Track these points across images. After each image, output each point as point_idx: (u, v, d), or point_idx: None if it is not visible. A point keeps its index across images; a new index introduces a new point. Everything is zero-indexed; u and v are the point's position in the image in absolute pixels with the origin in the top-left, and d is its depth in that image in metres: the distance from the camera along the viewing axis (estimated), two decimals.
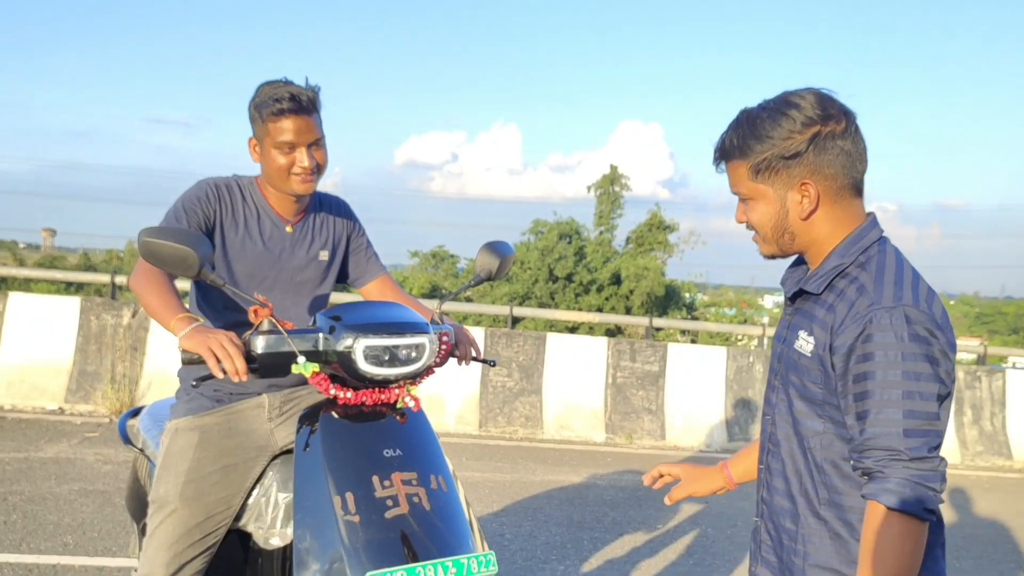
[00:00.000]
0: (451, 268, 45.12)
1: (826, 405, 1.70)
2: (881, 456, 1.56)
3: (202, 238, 2.18)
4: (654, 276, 32.66)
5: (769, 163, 1.71)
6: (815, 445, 1.74)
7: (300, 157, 2.49)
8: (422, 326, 2.33)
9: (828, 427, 1.71)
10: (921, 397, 1.55)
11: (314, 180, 2.55)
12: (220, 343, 2.08)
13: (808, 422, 1.75)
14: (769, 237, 1.80)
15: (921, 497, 1.53)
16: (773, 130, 1.69)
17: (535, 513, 5.99)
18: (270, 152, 2.49)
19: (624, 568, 5.03)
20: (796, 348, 1.76)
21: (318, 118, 2.53)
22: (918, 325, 1.56)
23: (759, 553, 1.93)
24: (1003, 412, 9.76)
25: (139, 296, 2.34)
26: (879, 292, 1.61)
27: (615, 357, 9.11)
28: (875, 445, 1.56)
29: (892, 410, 1.55)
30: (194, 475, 2.50)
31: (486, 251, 2.75)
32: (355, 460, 2.23)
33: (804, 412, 1.76)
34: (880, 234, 1.75)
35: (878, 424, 1.56)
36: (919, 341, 1.56)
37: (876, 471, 1.56)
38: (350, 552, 2.08)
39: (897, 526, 1.53)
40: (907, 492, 1.53)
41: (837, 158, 1.69)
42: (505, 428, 8.63)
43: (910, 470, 1.53)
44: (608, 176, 37.00)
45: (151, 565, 2.46)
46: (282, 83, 2.50)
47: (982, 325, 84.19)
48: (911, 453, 1.53)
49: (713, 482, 2.25)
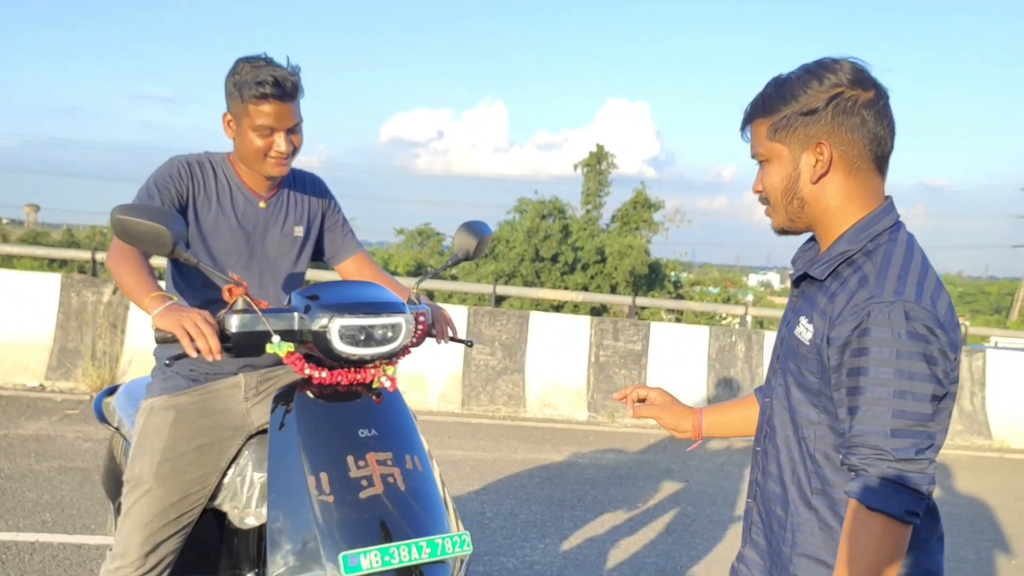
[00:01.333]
0: (437, 246, 45.05)
1: (822, 395, 1.67)
2: (867, 454, 1.53)
3: (175, 215, 2.16)
4: (638, 254, 32.69)
5: (788, 120, 1.67)
6: (810, 434, 1.70)
7: (278, 142, 2.47)
8: (398, 306, 2.32)
9: (823, 417, 1.67)
10: (914, 397, 1.51)
11: (289, 162, 2.53)
12: (194, 322, 2.07)
13: (804, 410, 1.71)
14: (779, 203, 1.75)
15: (904, 499, 1.49)
16: (799, 89, 1.66)
17: (516, 491, 6.01)
18: (247, 133, 2.47)
19: (604, 546, 5.05)
20: (796, 334, 1.72)
21: (298, 104, 2.51)
22: (917, 322, 1.52)
23: (749, 535, 1.91)
24: (983, 392, 9.83)
25: (114, 275, 2.32)
26: (881, 285, 1.56)
27: (598, 336, 9.13)
28: (862, 443, 1.53)
29: (882, 408, 1.51)
30: (169, 454, 2.48)
31: (464, 231, 2.73)
32: (330, 440, 2.22)
33: (800, 400, 1.72)
34: (894, 220, 1.68)
35: (866, 421, 1.52)
36: (916, 339, 1.51)
37: (861, 469, 1.53)
38: (324, 532, 2.07)
39: (877, 526, 1.50)
40: (890, 493, 1.49)
41: (857, 125, 1.63)
42: (488, 407, 8.65)
43: (895, 470, 1.50)
44: (595, 154, 36.95)
45: (126, 544, 2.46)
46: (263, 62, 2.46)
47: (965, 305, 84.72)
48: (897, 454, 1.50)
49: (682, 420, 2.18)
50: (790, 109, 1.67)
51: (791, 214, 1.75)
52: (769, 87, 1.72)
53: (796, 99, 1.66)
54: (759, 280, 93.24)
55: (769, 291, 71.94)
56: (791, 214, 1.75)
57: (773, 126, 1.70)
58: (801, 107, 1.65)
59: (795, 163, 1.69)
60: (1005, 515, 6.79)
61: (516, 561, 4.63)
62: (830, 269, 1.68)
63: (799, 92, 1.66)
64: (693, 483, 6.72)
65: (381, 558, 2.05)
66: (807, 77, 1.66)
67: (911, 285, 1.56)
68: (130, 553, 2.45)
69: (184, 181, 2.52)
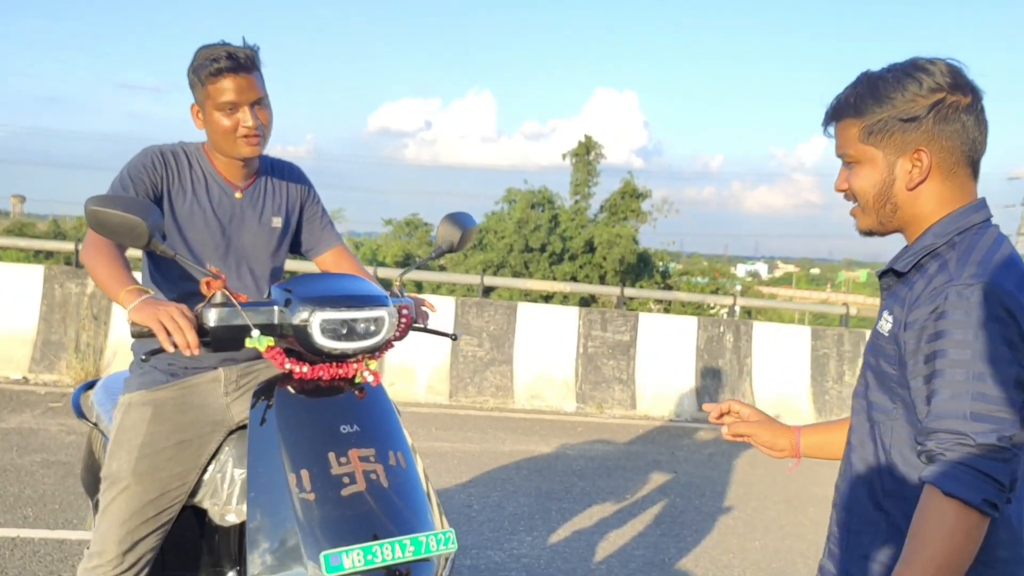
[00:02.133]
0: (425, 236, 45.00)
1: (899, 388, 1.60)
2: (945, 439, 1.45)
3: (151, 206, 2.11)
4: (627, 244, 32.73)
5: (885, 124, 1.61)
6: (886, 429, 1.64)
7: (244, 117, 2.41)
8: (381, 299, 2.28)
9: (899, 411, 1.61)
10: (994, 380, 1.43)
11: (260, 141, 2.47)
12: (170, 316, 2.02)
13: (880, 403, 1.66)
14: (870, 207, 1.69)
15: (983, 486, 1.40)
16: (895, 91, 1.60)
17: (503, 484, 5.98)
18: (213, 115, 2.42)
19: (592, 538, 5.02)
20: (878, 328, 1.67)
21: (259, 76, 2.46)
22: (996, 304, 1.45)
23: (827, 544, 1.82)
24: None
25: (89, 268, 2.27)
26: (960, 269, 1.51)
27: (586, 327, 9.10)
28: (940, 427, 1.45)
29: (961, 391, 1.44)
30: (147, 450, 2.43)
31: (448, 223, 2.69)
32: (311, 436, 2.17)
33: (878, 395, 1.67)
34: (984, 218, 1.63)
35: (945, 405, 1.45)
36: (996, 321, 1.45)
37: (938, 454, 1.45)
38: (305, 531, 2.03)
39: (951, 513, 1.41)
40: (967, 478, 1.41)
41: (957, 132, 1.59)
42: (476, 398, 8.61)
43: (975, 455, 1.42)
44: (584, 144, 36.95)
45: (104, 542, 2.41)
46: (219, 44, 2.43)
47: None
48: (978, 438, 1.42)
49: (779, 439, 2.06)
50: (886, 113, 1.61)
51: (882, 218, 1.69)
52: (861, 86, 1.66)
53: (892, 103, 1.60)
54: (747, 270, 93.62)
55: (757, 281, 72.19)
56: (882, 218, 1.69)
57: (867, 129, 1.64)
58: (900, 112, 1.60)
59: (890, 168, 1.64)
60: None
61: (503, 555, 4.60)
62: (913, 262, 1.64)
63: (895, 95, 1.60)
64: (681, 474, 6.70)
65: (364, 557, 2.01)
66: (903, 79, 1.60)
67: (992, 270, 1.50)
68: (108, 551, 2.40)
69: (159, 171, 2.47)
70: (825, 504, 6.16)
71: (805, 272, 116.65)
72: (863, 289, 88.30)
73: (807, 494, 6.47)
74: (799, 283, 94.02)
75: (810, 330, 9.78)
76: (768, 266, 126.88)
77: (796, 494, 6.46)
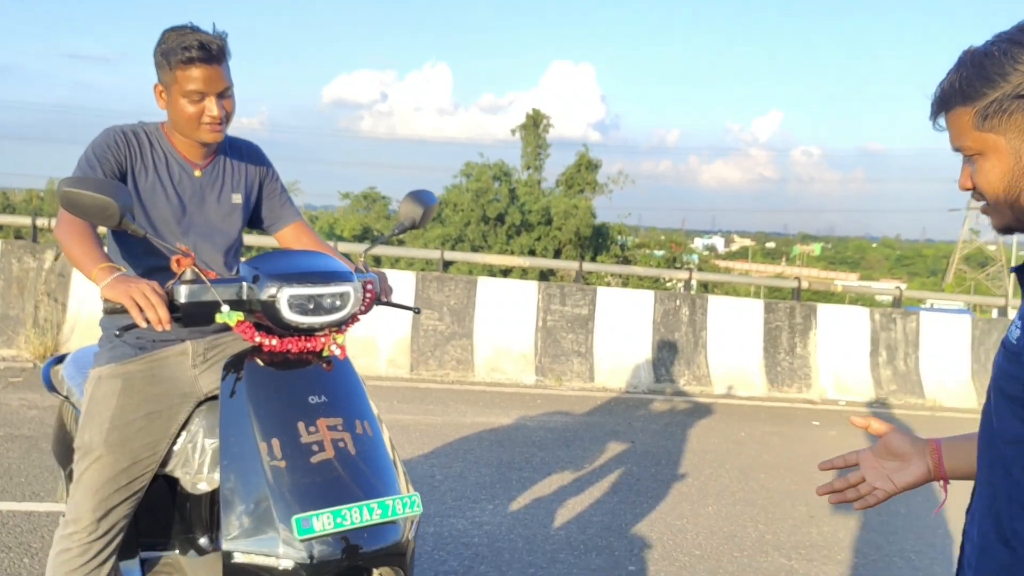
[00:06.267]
0: (383, 210, 44.86)
1: None
2: None
3: (122, 187, 2.18)
4: (584, 215, 32.88)
5: (1000, 105, 1.36)
6: (1012, 454, 1.38)
7: (209, 107, 2.48)
8: (346, 275, 2.36)
9: None
10: None
11: (223, 129, 2.55)
12: (143, 292, 2.09)
13: (1006, 425, 1.39)
14: (1001, 201, 1.42)
15: None
16: (1007, 66, 1.35)
17: (465, 454, 6.10)
18: (178, 100, 2.48)
19: (552, 506, 5.17)
20: (1009, 336, 1.43)
21: (227, 67, 2.52)
22: None
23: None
24: (916, 353, 10.14)
25: (62, 245, 2.33)
26: None
27: (545, 301, 9.22)
28: None
29: None
30: (118, 422, 2.51)
31: (410, 200, 2.78)
32: (280, 407, 2.26)
33: (1003, 413, 1.41)
34: None
35: None
36: None
37: None
38: (277, 496, 2.12)
39: None
40: None
41: None
42: (436, 371, 8.71)
43: None
44: (532, 117, 37.02)
45: (78, 510, 2.48)
46: (189, 30, 2.48)
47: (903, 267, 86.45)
48: None
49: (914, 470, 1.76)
50: (1000, 91, 1.35)
51: (1018, 213, 1.42)
52: (966, 66, 1.41)
53: (1007, 78, 1.35)
54: (704, 244, 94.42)
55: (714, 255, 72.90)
56: (1018, 213, 1.42)
57: (980, 113, 1.39)
58: (1017, 88, 1.34)
59: (1016, 155, 1.38)
60: None
61: (466, 522, 4.73)
62: None
63: (1009, 70, 1.35)
64: (638, 444, 6.86)
65: (333, 520, 2.10)
66: (1013, 50, 1.35)
67: None
68: (83, 519, 2.48)
69: (122, 150, 2.53)
70: (776, 471, 6.38)
71: (761, 246, 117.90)
72: (817, 263, 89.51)
73: (759, 462, 6.68)
74: (755, 257, 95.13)
75: (763, 303, 9.99)
76: (725, 240, 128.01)
77: (748, 463, 6.65)
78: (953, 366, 10.25)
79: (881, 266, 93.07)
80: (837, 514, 5.56)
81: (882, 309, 10.52)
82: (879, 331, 10.08)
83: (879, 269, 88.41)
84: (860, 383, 9.85)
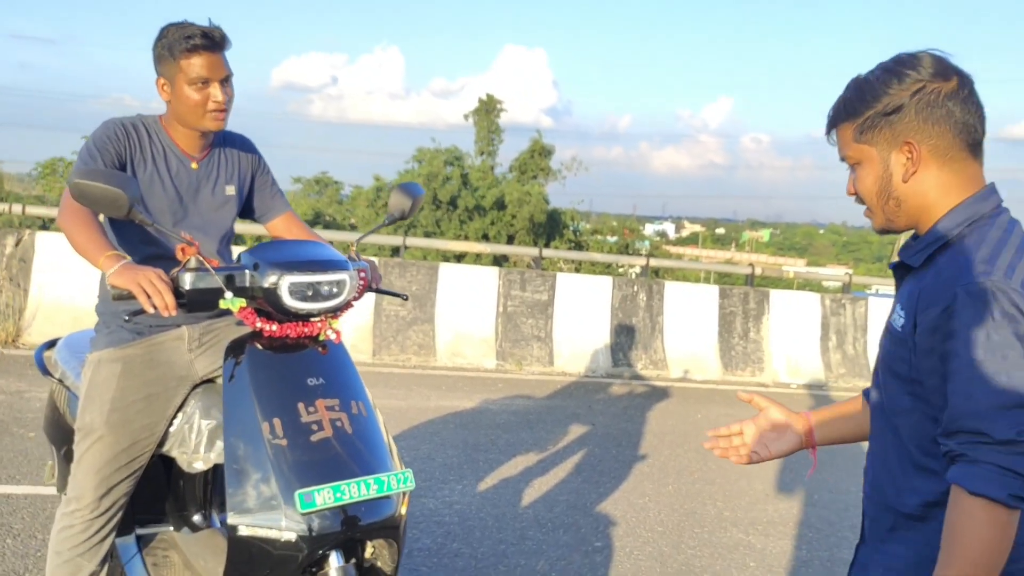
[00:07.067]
0: (335, 195, 44.57)
1: (914, 383, 1.61)
2: (965, 439, 1.47)
3: (130, 179, 2.27)
4: (537, 202, 33.02)
5: (872, 121, 1.64)
6: (902, 424, 1.66)
7: (214, 93, 2.58)
8: (343, 263, 2.49)
9: (917, 405, 1.62)
10: (1009, 378, 1.45)
11: (225, 116, 2.65)
12: (150, 280, 2.19)
13: (896, 399, 1.66)
14: (875, 204, 1.71)
15: (1007, 482, 1.43)
16: (879, 88, 1.63)
17: (431, 437, 6.24)
18: (183, 89, 2.57)
19: (518, 486, 5.33)
20: (891, 322, 1.69)
21: (226, 56, 2.63)
22: (1006, 302, 1.47)
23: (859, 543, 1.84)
24: (864, 337, 10.46)
25: (66, 233, 2.41)
26: (969, 267, 1.52)
27: (506, 286, 9.37)
28: (960, 427, 1.47)
29: (976, 391, 1.46)
30: (119, 403, 2.61)
31: (399, 192, 2.90)
32: (281, 388, 2.38)
33: (894, 389, 1.67)
34: (995, 205, 1.63)
35: (962, 405, 1.47)
36: (1008, 319, 1.46)
37: (960, 454, 1.48)
38: (279, 473, 2.24)
39: (980, 512, 1.44)
40: (991, 476, 1.43)
41: (945, 118, 1.60)
42: (398, 356, 8.82)
43: (997, 453, 1.44)
44: (484, 103, 37.01)
45: (80, 488, 2.59)
46: (188, 23, 2.59)
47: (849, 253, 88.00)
48: (997, 435, 1.44)
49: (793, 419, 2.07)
50: (873, 110, 1.64)
51: (889, 214, 1.70)
52: (849, 90, 1.70)
53: (879, 100, 1.63)
54: (655, 229, 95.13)
55: (665, 240, 73.55)
56: (889, 214, 1.70)
57: (858, 128, 1.67)
58: (884, 107, 1.63)
59: (885, 163, 1.66)
60: None
61: (436, 502, 4.87)
62: (924, 256, 1.65)
63: (880, 92, 1.63)
64: (599, 426, 7.05)
65: (333, 494, 2.23)
66: (886, 76, 1.64)
67: (1001, 266, 1.51)
68: (85, 496, 2.58)
69: (121, 142, 2.62)
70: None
71: (711, 232, 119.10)
72: (766, 248, 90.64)
73: None
74: (705, 243, 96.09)
75: (718, 289, 10.24)
76: (675, 226, 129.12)
77: (705, 442, 6.86)
78: None
79: (828, 252, 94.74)
80: (792, 492, 5.80)
81: (832, 295, 10.84)
82: (829, 316, 10.39)
83: (826, 255, 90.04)
84: (811, 367, 10.14)
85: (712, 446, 2.15)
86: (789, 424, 2.05)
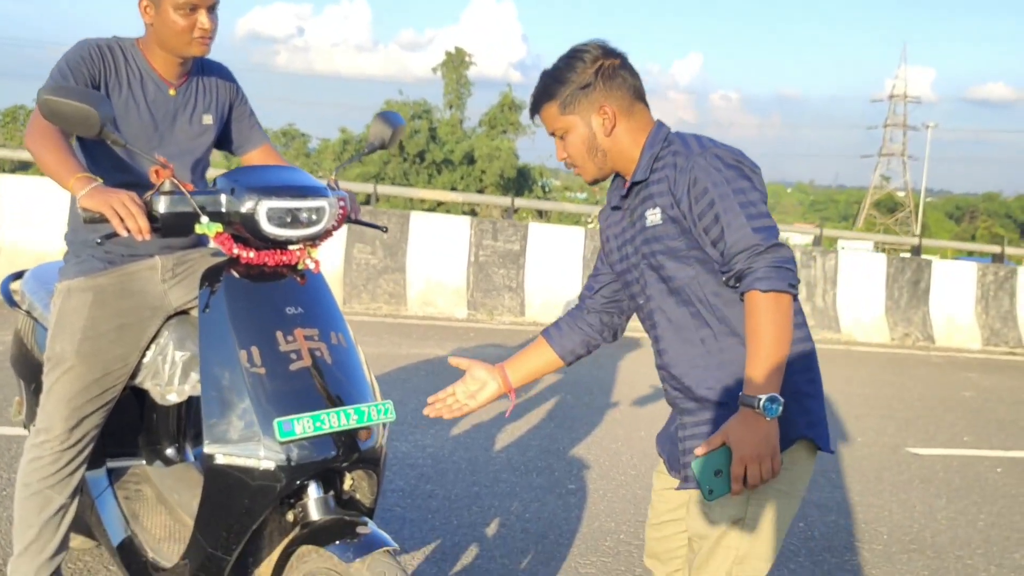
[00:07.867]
0: (302, 147, 44.05)
1: (690, 252, 2.01)
2: (744, 256, 1.87)
3: (103, 97, 2.18)
4: (507, 157, 32.82)
5: (572, 96, 2.07)
6: (693, 288, 2.04)
7: (202, 19, 2.48)
8: (322, 190, 2.41)
9: (698, 268, 2.02)
10: (753, 204, 1.91)
11: (210, 43, 2.55)
12: (122, 202, 2.11)
13: (679, 275, 2.04)
14: (585, 159, 2.12)
15: (785, 274, 1.84)
16: (569, 72, 2.07)
17: (403, 383, 6.21)
18: (169, 13, 2.46)
19: (491, 432, 5.32)
20: (648, 225, 2.08)
21: None
22: (727, 157, 1.96)
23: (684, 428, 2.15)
24: (834, 290, 10.55)
25: (34, 154, 2.31)
26: (689, 150, 1.99)
27: (478, 236, 9.31)
28: (737, 250, 1.88)
29: (737, 220, 1.89)
30: (90, 333, 2.53)
31: (379, 121, 2.81)
32: (259, 316, 2.31)
33: (673, 268, 2.05)
34: (671, 130, 2.12)
35: (733, 234, 1.89)
36: (732, 167, 1.94)
37: (745, 269, 1.87)
38: (257, 402, 2.18)
39: (771, 302, 1.83)
40: (774, 274, 1.83)
41: (621, 83, 2.07)
42: (369, 304, 8.76)
43: (770, 256, 1.85)
44: (453, 55, 36.58)
45: (50, 419, 2.51)
46: None
47: (815, 212, 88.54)
48: (766, 243, 1.86)
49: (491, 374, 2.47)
50: (569, 89, 2.07)
51: (598, 164, 2.13)
52: (546, 79, 2.12)
53: (572, 80, 2.07)
54: None
55: None
56: (598, 164, 2.13)
57: (561, 105, 2.09)
58: (578, 84, 2.06)
59: (588, 126, 2.09)
60: (850, 400, 7.43)
61: (409, 445, 4.85)
62: (648, 168, 2.07)
63: (572, 74, 2.07)
64: (570, 374, 7.05)
65: (313, 424, 2.18)
66: (572, 62, 2.08)
67: (707, 141, 2.02)
68: (55, 428, 2.51)
69: (96, 64, 2.51)
70: None
71: None
72: None
73: None
74: None
75: None
76: None
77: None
78: (868, 302, 10.70)
79: (795, 211, 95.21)
80: None
81: (803, 248, 10.90)
82: (800, 268, 10.38)
83: (793, 214, 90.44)
84: None
85: (429, 411, 2.41)
86: (489, 377, 2.43)
